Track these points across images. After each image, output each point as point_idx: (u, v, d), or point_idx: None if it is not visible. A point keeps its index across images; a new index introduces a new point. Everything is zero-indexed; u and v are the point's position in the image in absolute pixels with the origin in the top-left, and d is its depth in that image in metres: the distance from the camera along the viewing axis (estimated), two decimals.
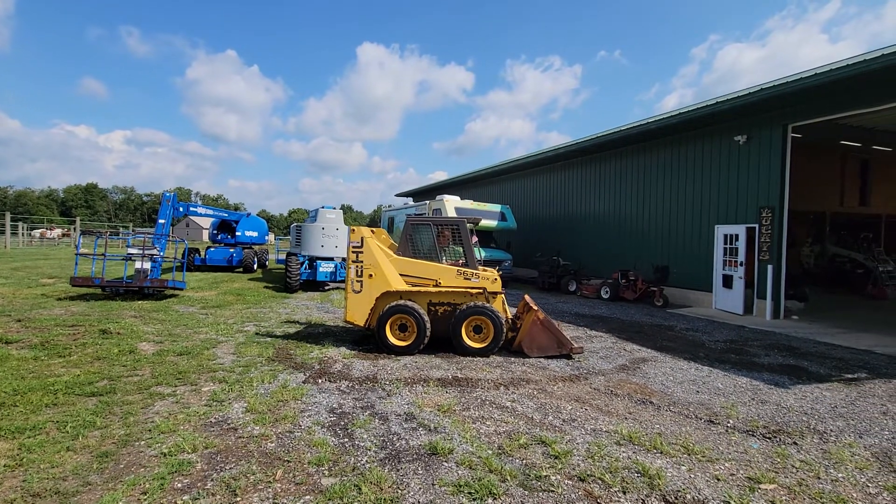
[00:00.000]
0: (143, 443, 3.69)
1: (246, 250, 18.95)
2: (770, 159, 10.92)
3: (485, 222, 16.89)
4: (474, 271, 7.07)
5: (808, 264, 17.34)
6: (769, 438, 4.19)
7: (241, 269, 19.01)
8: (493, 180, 24.47)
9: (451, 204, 16.38)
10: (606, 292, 13.88)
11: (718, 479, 3.42)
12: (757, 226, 11.07)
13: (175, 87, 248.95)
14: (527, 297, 7.38)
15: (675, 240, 13.59)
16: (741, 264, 11.24)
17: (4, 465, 3.25)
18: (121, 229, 50.46)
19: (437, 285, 7.02)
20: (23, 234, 34.07)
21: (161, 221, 12.09)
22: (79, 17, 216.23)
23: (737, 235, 11.44)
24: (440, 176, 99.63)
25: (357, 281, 6.96)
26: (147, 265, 10.89)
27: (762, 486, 3.35)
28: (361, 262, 6.95)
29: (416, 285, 7.05)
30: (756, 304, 11.14)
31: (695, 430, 4.33)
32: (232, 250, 18.93)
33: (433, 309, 7.01)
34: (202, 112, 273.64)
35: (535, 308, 6.97)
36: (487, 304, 6.83)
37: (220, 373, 5.55)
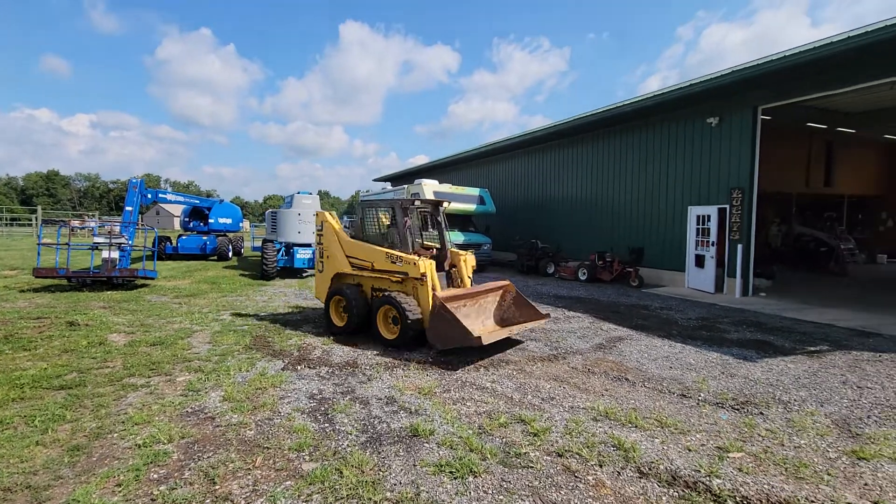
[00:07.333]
0: (116, 435, 3.60)
1: (220, 238, 18.49)
2: (741, 141, 11.16)
3: (463, 206, 16.86)
4: (399, 254, 6.43)
5: (775, 243, 17.97)
6: (737, 410, 4.37)
7: (215, 258, 18.56)
8: (473, 164, 24.37)
9: (430, 188, 16.25)
10: (584, 274, 14.11)
11: (690, 450, 3.56)
12: (728, 206, 11.36)
13: (144, 67, 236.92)
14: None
15: (650, 221, 13.85)
16: (713, 244, 11.54)
17: None
18: (86, 217, 48.44)
19: (372, 268, 6.78)
20: None
21: (128, 209, 11.66)
22: None
23: (709, 216, 11.72)
24: (421, 160, 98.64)
25: (321, 261, 7.45)
26: (115, 254, 10.54)
27: (730, 454, 3.50)
28: (322, 244, 7.39)
29: (360, 268, 6.93)
30: (726, 283, 11.50)
31: (668, 405, 4.48)
32: (205, 238, 18.43)
33: (375, 294, 6.86)
34: (173, 94, 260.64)
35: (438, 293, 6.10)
36: (396, 294, 6.24)
37: (196, 362, 5.44)
